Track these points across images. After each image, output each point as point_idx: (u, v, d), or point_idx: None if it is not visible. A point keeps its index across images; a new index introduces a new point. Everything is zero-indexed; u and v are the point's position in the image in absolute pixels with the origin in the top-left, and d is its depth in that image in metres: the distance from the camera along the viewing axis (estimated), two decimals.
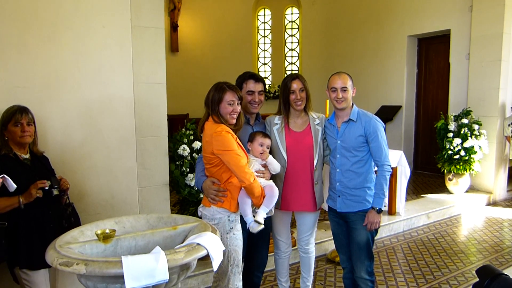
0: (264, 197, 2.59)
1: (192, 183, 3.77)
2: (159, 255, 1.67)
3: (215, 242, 1.93)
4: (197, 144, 3.89)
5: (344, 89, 2.85)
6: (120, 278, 1.64)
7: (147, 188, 3.66)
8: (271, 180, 2.78)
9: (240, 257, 2.71)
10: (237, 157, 2.49)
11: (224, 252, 2.52)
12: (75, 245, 1.87)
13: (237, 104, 2.62)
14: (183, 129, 4.12)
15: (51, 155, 2.96)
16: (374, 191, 2.91)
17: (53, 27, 3.18)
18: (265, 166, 2.77)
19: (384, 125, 2.97)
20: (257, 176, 2.67)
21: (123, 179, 3.53)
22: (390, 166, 2.91)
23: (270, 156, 2.83)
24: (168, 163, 3.81)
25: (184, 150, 3.88)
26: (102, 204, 3.42)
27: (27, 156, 2.62)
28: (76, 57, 3.28)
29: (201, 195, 3.78)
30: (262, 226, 2.61)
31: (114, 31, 3.46)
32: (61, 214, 2.65)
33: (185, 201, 4.02)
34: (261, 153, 2.76)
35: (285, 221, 3.15)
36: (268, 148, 2.81)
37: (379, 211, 2.87)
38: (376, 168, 2.96)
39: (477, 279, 1.61)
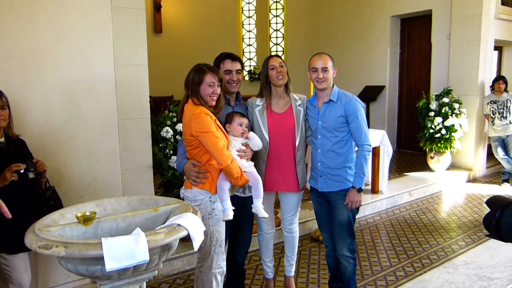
0: (242, 178, 2.60)
1: (175, 165, 3.78)
2: (139, 236, 1.68)
3: (195, 222, 1.94)
4: (180, 126, 3.88)
5: (324, 69, 2.86)
6: (100, 259, 1.65)
7: (130, 170, 3.65)
8: (253, 166, 2.78)
9: (223, 237, 2.73)
10: (215, 139, 2.49)
11: (206, 232, 2.55)
12: (55, 228, 1.87)
13: (217, 86, 2.62)
14: (166, 111, 4.10)
15: (31, 138, 2.93)
16: (354, 170, 2.95)
17: (31, 7, 3.10)
18: (246, 145, 2.78)
19: (364, 106, 3.00)
20: (238, 155, 2.68)
21: (105, 162, 3.52)
22: (370, 145, 2.94)
23: (251, 133, 2.83)
24: (151, 146, 3.80)
25: (167, 132, 3.87)
26: (84, 188, 3.41)
27: (2, 140, 2.57)
28: (55, 38, 3.22)
29: (185, 177, 3.81)
30: (267, 215, 2.73)
31: (93, 12, 3.39)
32: (40, 197, 2.63)
33: (169, 183, 4.03)
34: (242, 133, 2.77)
35: (269, 202, 3.18)
36: (247, 127, 2.82)
37: (360, 190, 2.92)
38: (356, 148, 3.00)
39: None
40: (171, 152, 3.85)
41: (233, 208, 2.61)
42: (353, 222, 3.05)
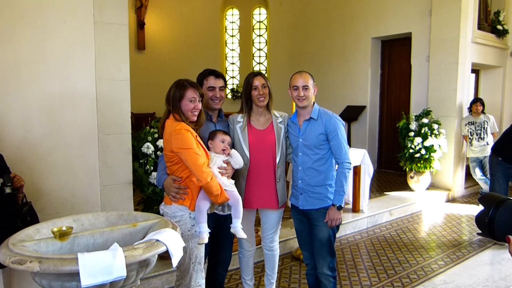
0: (222, 195, 2.57)
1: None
2: (116, 251, 1.65)
3: (175, 238, 1.92)
4: (161, 142, 3.85)
5: (305, 88, 2.88)
6: (76, 275, 1.60)
7: (109, 186, 3.60)
8: (234, 185, 2.76)
9: (202, 254, 2.70)
10: (195, 156, 2.47)
11: (185, 249, 2.52)
12: (30, 243, 1.82)
13: (198, 101, 2.62)
14: (147, 127, 4.07)
15: (8, 152, 2.87)
16: (334, 188, 2.95)
17: (12, 21, 3.08)
18: (227, 163, 2.77)
19: (344, 124, 3.02)
20: (219, 172, 2.67)
21: (84, 177, 3.47)
22: (350, 163, 2.95)
23: (233, 150, 2.83)
24: (132, 161, 3.76)
25: (148, 148, 3.84)
26: (62, 203, 3.34)
27: None
28: (35, 52, 3.19)
29: (165, 193, 3.77)
30: (245, 236, 2.73)
31: (76, 27, 3.39)
32: (16, 213, 2.56)
33: (149, 199, 3.98)
34: (223, 150, 2.76)
35: (249, 219, 3.16)
36: (229, 145, 2.81)
37: (340, 208, 2.91)
38: (337, 166, 3.02)
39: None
40: (152, 168, 3.82)
41: (209, 231, 2.60)
42: (334, 240, 3.04)
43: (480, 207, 1.48)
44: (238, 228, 2.71)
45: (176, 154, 2.51)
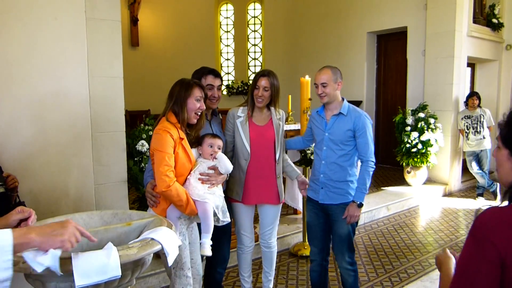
0: (188, 207, 2.40)
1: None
2: (111, 251, 1.61)
3: (170, 237, 1.88)
4: None
5: (324, 85, 2.91)
6: (69, 276, 1.57)
7: (104, 185, 3.55)
8: (215, 195, 2.53)
9: (185, 259, 2.52)
10: (162, 160, 2.34)
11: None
12: None
13: (203, 101, 2.56)
14: (142, 125, 4.03)
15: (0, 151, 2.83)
16: (356, 185, 2.94)
17: (2, 18, 3.02)
18: (214, 168, 2.59)
19: (372, 122, 3.03)
20: (199, 179, 2.51)
21: (78, 176, 3.42)
22: (374, 162, 2.96)
23: (220, 152, 2.66)
24: (127, 160, 3.72)
25: (142, 146, 3.80)
26: (56, 203, 3.29)
27: None
28: (27, 49, 3.14)
29: None
30: (210, 253, 2.51)
31: (67, 23, 3.33)
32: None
33: (144, 198, 3.92)
34: (211, 155, 2.63)
35: (250, 215, 3.15)
36: (219, 149, 2.67)
37: (360, 205, 2.91)
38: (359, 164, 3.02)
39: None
40: (147, 166, 3.77)
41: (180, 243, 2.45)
42: (353, 236, 3.05)
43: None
44: (205, 244, 2.49)
45: (152, 154, 2.44)
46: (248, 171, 3.00)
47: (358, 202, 2.90)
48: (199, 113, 2.56)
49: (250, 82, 11.55)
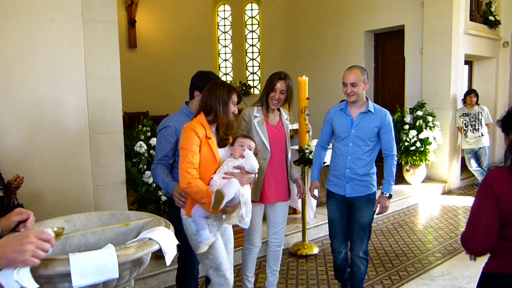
0: (210, 203, 2.30)
1: (150, 180, 3.70)
2: (108, 251, 1.61)
3: (168, 236, 1.88)
4: (154, 141, 3.81)
5: (353, 84, 2.99)
6: (67, 276, 1.57)
7: (102, 187, 3.56)
8: (243, 196, 2.43)
9: (221, 260, 2.51)
10: (184, 157, 2.36)
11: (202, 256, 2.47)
12: None
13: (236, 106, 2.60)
14: (140, 126, 4.03)
15: None
16: (385, 178, 3.12)
17: (0, 20, 3.03)
18: (241, 168, 2.49)
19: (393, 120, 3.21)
20: (223, 178, 2.44)
21: (76, 178, 3.42)
22: (397, 156, 3.19)
23: (247, 150, 2.57)
24: (125, 161, 3.72)
25: (141, 147, 3.80)
26: (54, 205, 3.30)
27: None
28: (24, 52, 3.14)
29: (160, 192, 3.73)
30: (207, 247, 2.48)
31: (64, 25, 3.34)
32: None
33: (143, 199, 3.94)
34: (240, 154, 2.57)
35: (261, 215, 3.19)
36: (250, 149, 2.60)
37: (390, 196, 3.10)
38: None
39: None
40: (145, 167, 3.78)
41: (213, 239, 2.44)
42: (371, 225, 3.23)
43: None
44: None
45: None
46: (266, 170, 3.06)
47: (388, 194, 3.07)
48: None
49: (248, 82, 11.61)
